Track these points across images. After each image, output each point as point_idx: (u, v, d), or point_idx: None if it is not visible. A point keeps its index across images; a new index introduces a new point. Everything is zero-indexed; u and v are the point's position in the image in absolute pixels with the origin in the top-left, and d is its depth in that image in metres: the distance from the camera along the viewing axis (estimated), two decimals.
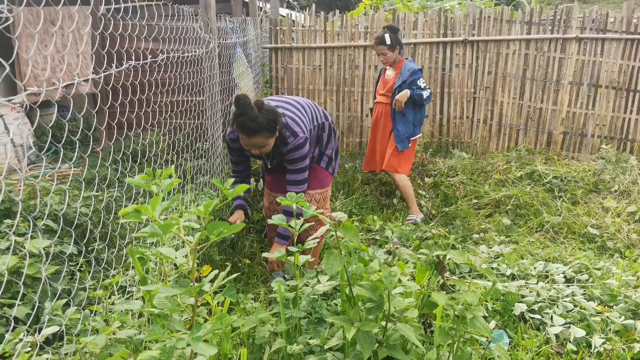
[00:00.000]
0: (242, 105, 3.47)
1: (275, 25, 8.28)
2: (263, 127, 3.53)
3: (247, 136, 3.58)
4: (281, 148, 3.86)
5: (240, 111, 3.48)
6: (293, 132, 3.82)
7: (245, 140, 3.64)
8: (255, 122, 3.49)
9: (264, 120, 3.52)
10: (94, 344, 2.07)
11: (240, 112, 3.49)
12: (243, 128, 3.54)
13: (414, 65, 5.95)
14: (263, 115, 3.51)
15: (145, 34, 4.05)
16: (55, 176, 2.59)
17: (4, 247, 3.13)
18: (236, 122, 3.55)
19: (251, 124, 3.50)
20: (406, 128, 6.03)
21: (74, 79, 2.31)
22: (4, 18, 1.72)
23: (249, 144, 3.67)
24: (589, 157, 7.95)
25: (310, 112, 4.14)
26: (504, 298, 3.98)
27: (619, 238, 5.50)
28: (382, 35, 5.90)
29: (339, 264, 2.22)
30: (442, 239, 5.25)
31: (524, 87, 8.18)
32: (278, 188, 4.28)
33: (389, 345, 2.29)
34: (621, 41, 7.80)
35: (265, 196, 4.57)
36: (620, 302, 4.02)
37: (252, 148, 3.73)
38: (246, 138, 3.61)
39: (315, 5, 9.13)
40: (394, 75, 6.06)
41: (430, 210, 6.34)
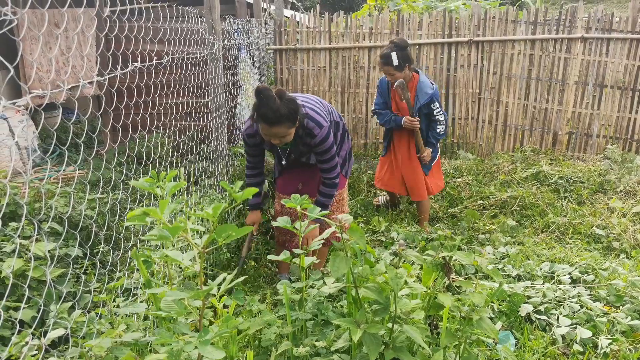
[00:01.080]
0: (264, 96, 3.49)
1: (280, 26, 8.28)
2: (285, 117, 3.56)
3: (269, 126, 3.60)
4: (307, 140, 3.89)
5: (263, 102, 3.50)
6: (317, 123, 3.85)
7: (266, 130, 3.66)
8: (277, 112, 3.51)
9: (286, 110, 3.54)
10: (100, 347, 2.07)
11: (262, 103, 3.51)
12: (265, 118, 3.55)
13: (428, 85, 5.35)
14: (284, 105, 3.53)
15: (149, 36, 4.05)
16: (60, 179, 2.59)
17: (10, 250, 3.13)
18: (258, 113, 3.56)
19: (273, 114, 3.52)
20: (434, 153, 5.71)
21: (79, 81, 2.31)
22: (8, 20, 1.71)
23: (270, 134, 3.68)
24: (595, 158, 7.92)
25: (327, 108, 4.16)
26: (510, 299, 3.96)
27: (625, 238, 5.48)
28: (389, 54, 5.18)
29: (345, 266, 2.21)
30: (448, 240, 5.23)
31: (529, 87, 8.16)
32: (290, 190, 4.28)
33: (395, 347, 2.28)
34: (627, 41, 7.77)
35: (277, 199, 4.56)
36: (627, 302, 4.01)
37: (272, 138, 3.74)
38: (267, 128, 3.62)
39: (319, 7, 9.14)
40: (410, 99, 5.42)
41: (437, 212, 6.33)
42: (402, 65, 5.20)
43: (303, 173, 4.36)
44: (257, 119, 3.63)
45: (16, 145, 6.60)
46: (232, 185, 2.00)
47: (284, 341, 2.57)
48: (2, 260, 3.02)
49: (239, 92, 6.74)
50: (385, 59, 5.20)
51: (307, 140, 3.89)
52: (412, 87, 5.42)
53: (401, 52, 5.17)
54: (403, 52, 5.19)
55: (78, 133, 7.37)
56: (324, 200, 4.12)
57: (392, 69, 5.22)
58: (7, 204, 3.72)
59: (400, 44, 5.20)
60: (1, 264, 2.92)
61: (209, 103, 5.19)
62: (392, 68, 5.21)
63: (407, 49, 5.25)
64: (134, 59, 3.43)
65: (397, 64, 5.17)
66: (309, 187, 4.29)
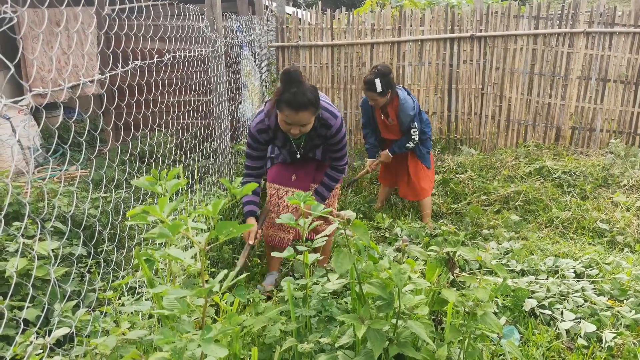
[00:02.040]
0: (294, 78, 3.43)
1: (282, 23, 8.27)
2: (311, 102, 3.49)
3: (296, 111, 3.49)
4: (322, 131, 3.84)
5: (292, 84, 3.43)
6: (332, 113, 3.82)
7: (292, 116, 3.52)
8: (306, 95, 3.45)
9: (312, 95, 3.49)
10: (105, 346, 2.07)
11: (291, 86, 3.44)
12: (293, 102, 3.45)
13: (409, 107, 5.48)
14: (310, 90, 3.48)
15: (150, 33, 4.05)
16: (63, 178, 2.59)
17: (13, 249, 3.14)
18: (284, 97, 3.47)
19: (302, 98, 3.44)
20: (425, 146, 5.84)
21: (80, 79, 2.31)
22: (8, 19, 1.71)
23: (294, 121, 3.56)
24: (598, 152, 7.92)
25: (330, 100, 4.13)
26: (514, 294, 3.96)
27: (629, 232, 5.47)
28: (372, 81, 5.34)
29: (348, 262, 2.21)
30: (451, 236, 5.23)
31: (532, 82, 8.14)
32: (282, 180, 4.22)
33: (399, 343, 2.28)
34: (629, 35, 7.75)
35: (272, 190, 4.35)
36: (631, 296, 4.01)
37: (294, 128, 3.62)
38: (294, 114, 3.50)
39: (321, 3, 9.13)
40: (394, 119, 5.66)
41: (441, 208, 6.32)
42: (385, 92, 5.38)
43: (300, 166, 4.27)
44: (281, 105, 3.52)
45: (19, 144, 6.61)
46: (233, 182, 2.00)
47: (288, 338, 2.57)
48: (6, 260, 3.02)
49: (242, 90, 6.73)
50: (369, 85, 5.38)
51: (323, 131, 3.84)
52: (394, 108, 5.59)
53: (384, 79, 5.34)
54: (386, 78, 5.36)
55: (80, 132, 7.37)
56: (330, 183, 4.13)
57: (375, 94, 5.40)
58: (10, 204, 3.72)
59: (383, 71, 5.37)
60: (5, 263, 2.93)
61: (211, 101, 5.19)
62: (376, 94, 5.39)
63: (389, 75, 5.41)
64: (135, 57, 3.42)
65: (380, 91, 5.36)
66: (302, 183, 4.23)
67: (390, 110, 5.62)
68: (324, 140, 3.95)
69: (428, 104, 8.32)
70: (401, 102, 5.49)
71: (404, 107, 5.48)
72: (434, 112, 8.33)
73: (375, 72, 5.38)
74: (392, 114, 5.62)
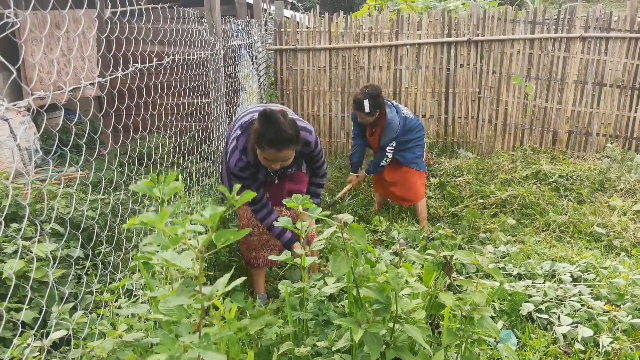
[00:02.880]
0: (274, 119, 3.31)
1: (280, 26, 8.29)
2: (292, 139, 3.39)
3: (278, 150, 3.39)
4: (304, 149, 3.78)
5: (271, 125, 3.32)
6: (306, 129, 3.75)
7: (273, 154, 3.43)
8: (286, 132, 3.34)
9: (293, 131, 3.39)
10: (101, 348, 2.08)
11: (270, 127, 3.33)
12: (275, 141, 3.35)
13: (394, 129, 5.55)
14: (290, 126, 3.37)
15: (150, 37, 4.06)
16: (62, 180, 2.60)
17: (11, 251, 3.14)
18: (264, 138, 3.36)
19: (283, 135, 3.33)
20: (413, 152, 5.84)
21: (80, 82, 2.32)
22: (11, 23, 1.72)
23: (275, 159, 3.48)
24: (595, 156, 7.94)
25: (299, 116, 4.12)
26: (511, 298, 3.97)
27: (626, 237, 5.49)
28: (361, 101, 5.40)
29: (345, 266, 2.22)
30: (448, 240, 5.24)
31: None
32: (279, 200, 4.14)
33: (396, 347, 2.29)
34: (625, 40, 7.78)
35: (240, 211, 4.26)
36: (628, 301, 4.01)
37: (274, 164, 3.54)
38: (275, 152, 3.41)
39: (319, 7, 9.14)
40: (377, 134, 5.78)
41: (438, 211, 6.33)
42: (373, 112, 5.46)
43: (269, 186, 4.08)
44: (262, 144, 3.40)
45: (17, 146, 6.61)
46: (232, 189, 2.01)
47: (285, 341, 2.58)
48: (4, 262, 3.02)
49: (240, 93, 6.74)
50: (357, 105, 5.46)
51: (304, 149, 3.78)
52: (381, 125, 5.66)
53: (373, 100, 5.41)
54: (374, 100, 5.42)
55: (79, 134, 7.37)
56: (317, 190, 4.19)
57: (362, 114, 5.49)
58: (9, 205, 3.72)
59: (372, 93, 5.43)
60: (3, 265, 2.93)
61: (209, 103, 5.20)
62: (363, 114, 5.48)
63: (378, 97, 5.48)
64: (135, 60, 3.43)
65: (368, 111, 5.43)
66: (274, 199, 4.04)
67: (378, 127, 5.73)
68: (306, 157, 3.94)
69: (425, 107, 8.34)
70: (387, 122, 5.55)
71: (388, 129, 5.56)
72: (431, 115, 8.35)
73: (364, 92, 5.43)
74: (378, 130, 5.73)
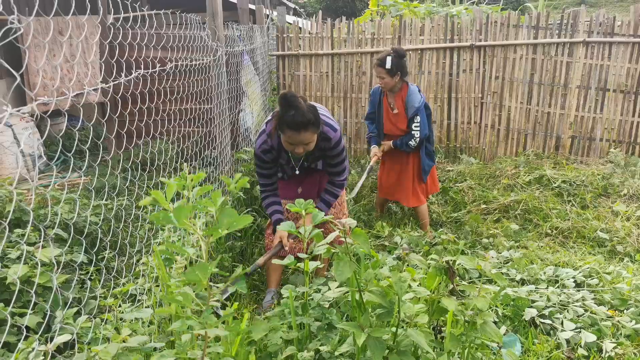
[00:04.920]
0: (292, 101, 3.45)
1: (282, 32, 8.31)
2: (311, 122, 3.52)
3: (297, 132, 3.53)
4: (322, 144, 3.86)
5: (290, 107, 3.46)
6: (331, 126, 3.85)
7: (293, 137, 3.57)
8: (305, 116, 3.48)
9: (312, 115, 3.51)
10: (106, 353, 2.08)
11: (289, 108, 3.47)
12: (293, 124, 3.50)
13: (417, 99, 5.48)
14: (309, 110, 3.51)
15: (153, 42, 4.07)
16: (65, 185, 2.61)
17: (15, 256, 3.15)
18: (284, 120, 3.51)
19: (302, 119, 3.47)
20: (431, 160, 5.83)
21: (84, 88, 2.33)
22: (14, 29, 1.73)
23: (296, 141, 3.61)
24: (598, 161, 7.93)
25: (330, 114, 4.16)
26: (514, 303, 3.97)
27: (629, 242, 5.48)
28: (384, 57, 5.36)
29: (349, 270, 2.22)
30: (451, 245, 5.24)
31: (531, 91, 8.17)
32: (289, 194, 4.24)
33: (399, 351, 2.29)
34: (629, 44, 7.78)
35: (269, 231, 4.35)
36: (631, 306, 4.01)
37: (297, 147, 3.67)
38: (296, 135, 3.55)
39: (321, 12, 9.16)
40: (400, 111, 5.61)
41: (440, 216, 6.33)
42: (394, 71, 5.35)
43: (304, 178, 4.30)
44: (283, 127, 3.56)
45: (21, 152, 6.62)
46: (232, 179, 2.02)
47: (288, 346, 2.58)
48: (8, 267, 3.03)
49: (242, 98, 6.76)
50: (381, 61, 5.38)
51: (323, 144, 3.86)
52: (402, 97, 5.56)
53: (397, 59, 5.33)
54: (399, 60, 5.36)
55: (83, 140, 7.39)
56: (329, 198, 4.16)
57: (383, 71, 5.38)
58: (13, 211, 3.73)
59: (398, 51, 5.38)
60: (7, 270, 2.94)
61: (212, 109, 5.21)
62: (384, 71, 5.37)
63: (403, 59, 5.42)
64: (138, 66, 3.44)
65: (389, 68, 5.32)
66: (309, 193, 4.25)
67: (397, 99, 5.60)
68: (323, 153, 3.98)
69: None
70: (410, 91, 5.51)
71: (411, 98, 5.48)
72: (434, 120, 8.35)
73: (390, 51, 5.40)
74: (398, 102, 5.59)
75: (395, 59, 5.32)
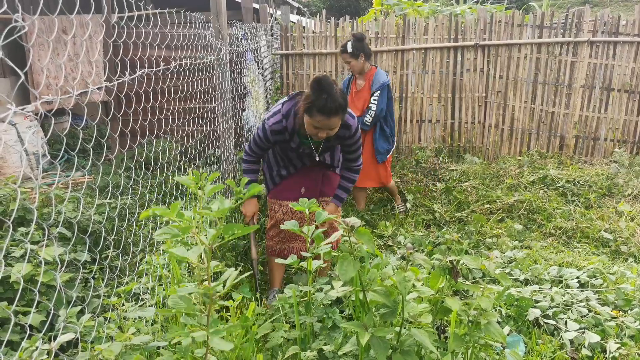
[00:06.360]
0: (326, 86, 3.45)
1: (286, 31, 8.30)
2: (342, 107, 3.55)
3: (328, 117, 3.53)
4: (341, 132, 3.85)
5: (325, 91, 3.46)
6: (350, 114, 3.88)
7: (323, 122, 3.56)
8: (337, 101, 3.49)
9: (343, 100, 3.54)
10: (109, 351, 2.08)
11: (324, 93, 3.46)
12: (326, 108, 3.49)
13: (382, 78, 5.90)
14: (340, 95, 3.53)
15: (157, 41, 4.07)
16: (69, 184, 2.61)
17: (19, 255, 3.15)
18: (316, 103, 3.49)
19: (334, 104, 3.48)
20: (387, 143, 6.13)
21: (88, 86, 2.33)
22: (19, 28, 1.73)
23: (325, 125, 3.60)
24: (602, 161, 7.91)
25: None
26: (517, 303, 3.96)
27: (633, 242, 5.47)
28: (346, 44, 5.84)
29: (352, 270, 2.21)
30: (455, 244, 5.23)
31: (535, 91, 8.15)
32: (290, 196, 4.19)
33: (403, 351, 2.28)
34: (633, 44, 7.76)
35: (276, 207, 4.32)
36: (635, 306, 4.00)
37: (322, 132, 3.65)
38: (326, 119, 3.54)
39: (325, 12, 9.15)
40: (365, 87, 6.01)
41: (444, 216, 6.32)
42: (357, 53, 5.81)
43: (306, 177, 4.24)
44: (312, 111, 3.55)
45: (25, 150, 6.63)
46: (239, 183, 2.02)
47: (291, 345, 2.58)
48: (12, 265, 3.03)
49: (246, 97, 6.75)
50: (343, 47, 5.88)
51: (342, 132, 3.85)
52: (369, 77, 5.99)
53: (357, 42, 5.80)
54: (359, 42, 5.82)
55: (87, 138, 7.39)
56: (347, 185, 4.22)
57: (347, 56, 5.85)
58: (17, 209, 3.73)
59: (356, 36, 5.85)
60: (11, 268, 2.94)
61: (216, 108, 5.21)
62: (348, 55, 5.84)
63: (363, 41, 5.87)
64: (142, 64, 3.44)
65: (351, 52, 5.79)
66: (312, 193, 4.20)
67: (365, 79, 6.02)
68: (341, 141, 3.98)
69: (432, 112, 8.34)
70: (378, 72, 5.97)
71: (378, 76, 5.91)
72: (438, 120, 8.35)
73: (350, 37, 5.86)
74: (366, 81, 6.02)
75: (355, 42, 5.78)
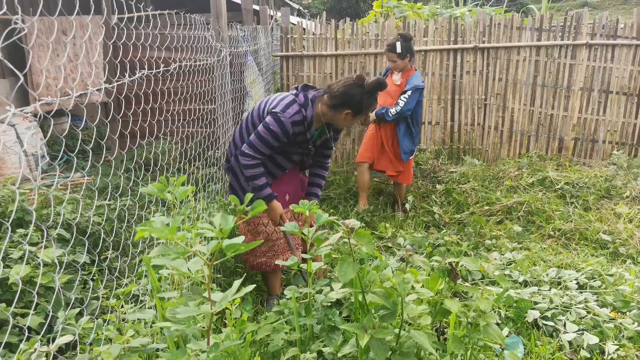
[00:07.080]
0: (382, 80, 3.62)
1: (286, 33, 8.31)
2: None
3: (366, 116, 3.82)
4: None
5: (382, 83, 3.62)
6: None
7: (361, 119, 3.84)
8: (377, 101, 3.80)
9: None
10: (108, 353, 2.08)
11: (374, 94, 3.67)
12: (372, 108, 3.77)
13: (418, 81, 5.97)
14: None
15: (157, 43, 4.08)
16: (68, 185, 2.61)
17: (18, 256, 3.14)
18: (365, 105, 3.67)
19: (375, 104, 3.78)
20: (412, 144, 6.20)
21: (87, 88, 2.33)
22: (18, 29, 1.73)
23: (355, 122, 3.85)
24: (601, 163, 7.92)
25: None
26: (516, 305, 3.96)
27: (632, 244, 5.47)
28: (394, 43, 5.91)
29: (352, 271, 2.21)
30: (454, 246, 5.24)
31: (534, 93, 8.16)
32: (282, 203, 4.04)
33: (402, 353, 2.28)
34: (632, 47, 7.77)
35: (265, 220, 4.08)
36: (634, 308, 4.00)
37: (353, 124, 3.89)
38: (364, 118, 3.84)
39: (326, 13, 9.16)
40: (401, 82, 6.08)
41: (443, 218, 6.32)
42: (404, 54, 5.93)
43: (288, 184, 4.10)
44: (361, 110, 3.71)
45: (24, 152, 6.63)
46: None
47: (291, 347, 2.57)
48: (10, 267, 3.03)
49: (246, 99, 6.76)
50: (391, 46, 5.95)
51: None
52: (405, 76, 6.08)
53: (405, 43, 5.92)
54: (407, 43, 5.93)
55: (86, 140, 7.39)
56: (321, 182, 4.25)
57: (394, 55, 5.95)
58: (16, 211, 3.73)
59: (405, 36, 5.95)
60: (9, 270, 2.94)
61: (215, 109, 5.21)
62: (395, 55, 5.94)
63: (410, 42, 6.00)
64: (142, 66, 3.44)
65: (400, 52, 5.90)
66: (295, 198, 4.04)
67: (403, 77, 6.10)
68: (336, 134, 4.07)
69: (431, 114, 8.35)
70: (416, 73, 6.03)
71: (415, 78, 5.97)
72: (437, 122, 8.36)
73: (398, 36, 5.94)
74: (403, 79, 6.09)
75: (404, 43, 5.89)
